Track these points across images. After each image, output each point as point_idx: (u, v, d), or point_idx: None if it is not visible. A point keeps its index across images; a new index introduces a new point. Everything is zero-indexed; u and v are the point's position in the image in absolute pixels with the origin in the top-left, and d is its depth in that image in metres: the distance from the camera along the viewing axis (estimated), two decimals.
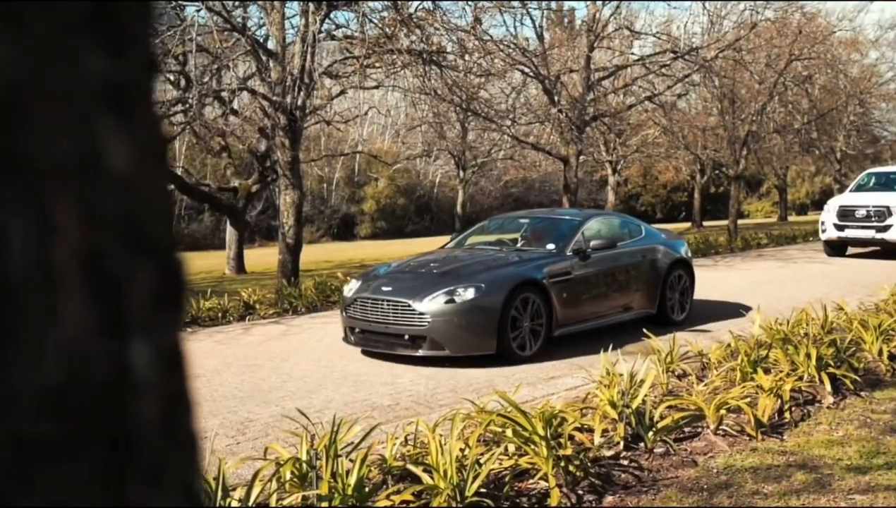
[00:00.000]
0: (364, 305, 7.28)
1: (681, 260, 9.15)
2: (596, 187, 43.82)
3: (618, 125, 24.66)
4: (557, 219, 8.94)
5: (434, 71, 14.52)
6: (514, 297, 7.00)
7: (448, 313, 6.81)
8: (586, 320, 7.89)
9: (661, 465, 4.31)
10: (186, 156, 35.08)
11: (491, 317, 6.84)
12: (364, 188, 44.18)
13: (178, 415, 0.52)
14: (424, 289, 7.02)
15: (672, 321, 8.70)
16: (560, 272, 7.58)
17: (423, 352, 6.84)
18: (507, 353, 6.95)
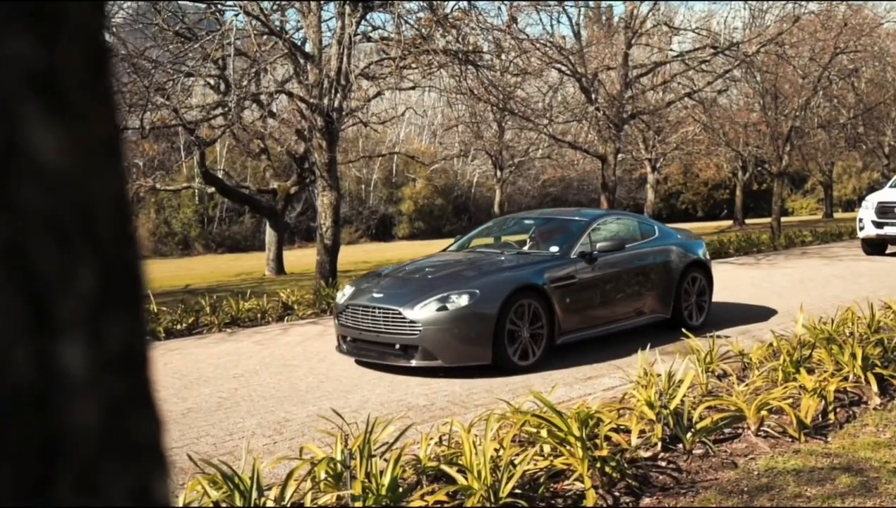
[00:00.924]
0: (355, 313, 6.96)
1: (697, 262, 8.71)
2: (635, 185, 43.37)
3: (657, 122, 24.38)
4: (563, 221, 8.49)
5: (470, 71, 14.50)
6: (512, 304, 6.63)
7: (440, 321, 6.46)
8: (593, 326, 7.49)
9: (699, 467, 4.23)
10: (227, 159, 35.61)
11: (486, 325, 6.48)
12: (402, 189, 44.33)
13: (125, 419, 0.49)
14: (416, 296, 6.68)
15: (688, 326, 8.07)
16: (563, 276, 7.20)
17: (415, 363, 6.50)
18: (504, 363, 6.57)
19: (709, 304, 8.77)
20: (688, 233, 9.65)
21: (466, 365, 6.48)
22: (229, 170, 32.27)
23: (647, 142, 28.93)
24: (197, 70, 12.33)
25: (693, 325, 8.23)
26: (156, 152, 29.02)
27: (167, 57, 12.72)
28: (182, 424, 5.41)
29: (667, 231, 8.88)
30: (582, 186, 42.92)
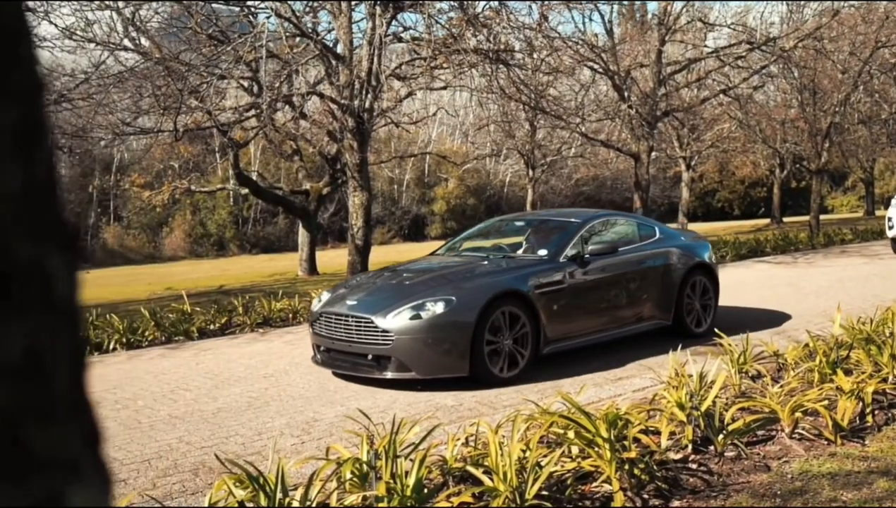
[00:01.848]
0: (328, 321, 6.61)
1: (701, 265, 8.18)
2: (670, 184, 42.92)
3: (691, 120, 24.09)
4: (555, 222, 7.98)
5: (501, 70, 14.45)
6: (492, 311, 6.22)
7: (414, 330, 6.07)
8: (584, 335, 7.05)
9: (731, 469, 4.15)
10: (261, 161, 35.96)
11: (463, 335, 6.07)
12: (434, 189, 44.38)
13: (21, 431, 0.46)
14: (389, 304, 6.30)
15: (691, 333, 7.82)
16: (550, 282, 6.75)
17: (390, 375, 6.13)
18: (483, 375, 6.17)
19: (714, 310, 8.27)
20: (694, 234, 9.16)
21: (442, 376, 6.11)
22: (263, 171, 32.58)
23: (682, 139, 28.58)
24: (229, 72, 12.45)
25: (696, 333, 7.86)
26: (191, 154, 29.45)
27: (200, 60, 12.86)
28: (212, 423, 5.46)
29: (669, 232, 8.46)
30: (615, 185, 42.58)
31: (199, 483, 4.25)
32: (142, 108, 13.60)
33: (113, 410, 5.96)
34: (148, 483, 4.33)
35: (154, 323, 9.32)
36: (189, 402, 6.08)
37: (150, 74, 13.10)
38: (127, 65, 13.91)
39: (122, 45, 13.55)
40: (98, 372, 7.53)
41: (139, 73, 13.48)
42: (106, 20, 13.90)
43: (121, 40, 13.65)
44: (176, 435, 5.20)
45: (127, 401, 6.23)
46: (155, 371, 7.45)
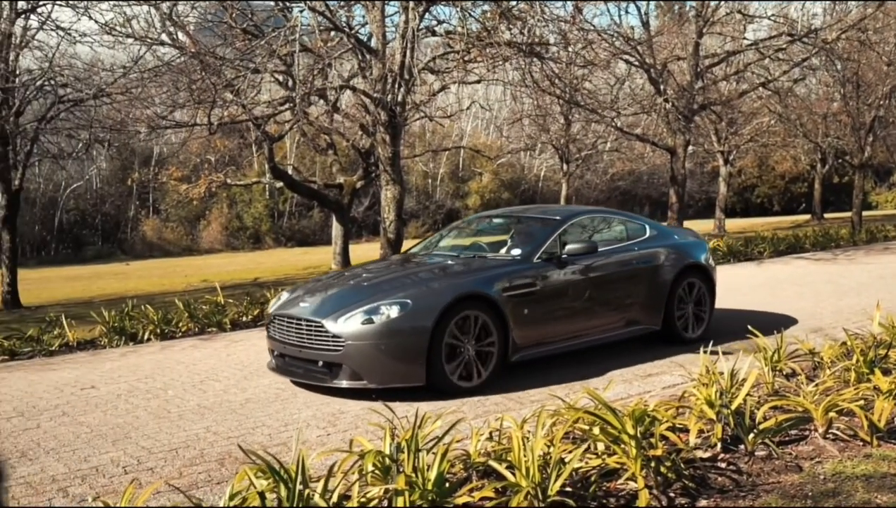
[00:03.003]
0: (281, 324, 6.24)
1: (695, 266, 7.61)
2: (707, 179, 42.31)
3: (729, 113, 23.68)
4: (534, 220, 7.48)
5: (535, 63, 14.34)
6: (452, 316, 5.76)
7: (366, 336, 5.65)
8: (561, 341, 6.58)
9: (761, 469, 4.06)
10: (297, 155, 36.22)
11: (419, 341, 5.63)
12: (468, 183, 44.32)
13: None
14: (342, 307, 5.88)
15: (682, 339, 7.35)
16: (521, 284, 6.27)
17: (344, 384, 5.72)
18: (441, 385, 5.71)
19: (709, 314, 7.72)
20: (692, 232, 8.55)
21: (397, 386, 5.70)
22: (298, 165, 32.83)
23: (720, 134, 28.12)
24: (263, 66, 12.52)
25: (689, 338, 7.38)
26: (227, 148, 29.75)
27: (234, 54, 12.96)
28: (240, 414, 5.50)
29: (662, 231, 7.88)
30: (652, 180, 42.10)
31: (225, 473, 4.27)
32: (177, 102, 13.75)
33: (144, 399, 6.03)
34: (174, 471, 4.37)
35: (188, 315, 9.42)
36: (218, 393, 6.13)
37: (185, 69, 13.24)
38: (164, 60, 14.07)
39: (159, 40, 13.71)
40: (131, 362, 7.64)
41: (175, 67, 13.63)
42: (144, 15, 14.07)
43: (158, 35, 13.80)
44: (204, 425, 5.25)
45: (157, 391, 6.30)
46: (186, 361, 7.53)
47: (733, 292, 10.69)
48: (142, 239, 41.45)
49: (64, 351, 8.49)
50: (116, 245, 41.50)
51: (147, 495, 3.60)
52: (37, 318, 11.31)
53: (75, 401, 6.06)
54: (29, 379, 7.06)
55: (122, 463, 4.53)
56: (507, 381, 6.16)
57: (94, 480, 4.28)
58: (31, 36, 15.30)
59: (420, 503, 3.27)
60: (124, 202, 42.60)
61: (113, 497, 3.85)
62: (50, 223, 40.65)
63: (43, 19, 15.15)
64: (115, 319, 9.17)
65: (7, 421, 5.58)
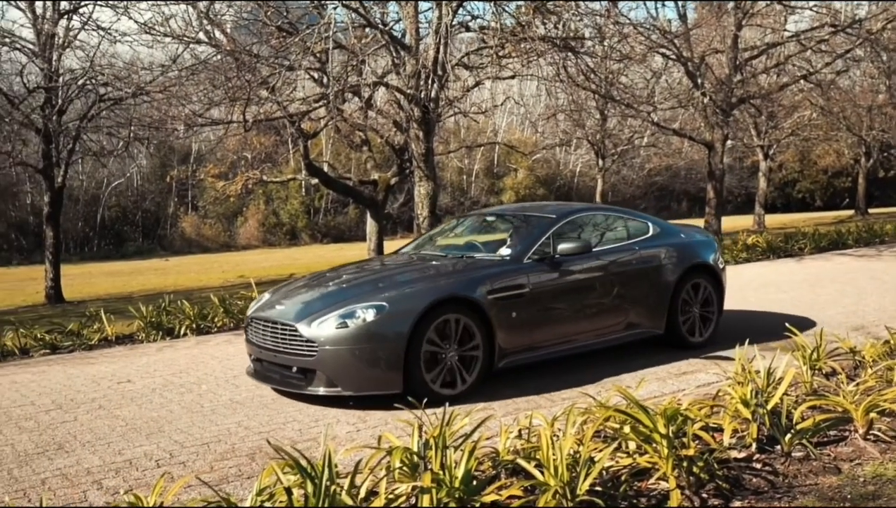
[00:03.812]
0: (257, 327, 5.99)
1: (701, 266, 7.22)
2: (747, 174, 41.65)
3: (769, 107, 23.24)
4: (527, 218, 7.08)
5: (569, 58, 14.22)
6: (432, 320, 5.48)
7: (340, 340, 5.38)
8: (553, 346, 6.25)
9: (798, 470, 3.96)
10: (332, 151, 36.42)
11: (395, 346, 5.36)
12: (503, 179, 44.18)
13: None
14: (317, 310, 5.64)
15: (686, 343, 7.00)
16: (509, 286, 5.95)
17: (322, 391, 5.46)
18: (420, 392, 5.29)
19: (717, 317, 7.31)
20: (700, 231, 8.07)
21: (373, 393, 5.44)
22: (334, 161, 33.00)
23: (759, 127, 27.63)
24: (298, 63, 12.60)
25: (693, 343, 7.03)
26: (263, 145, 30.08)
27: (269, 52, 13.06)
28: (271, 409, 5.53)
29: (667, 229, 7.45)
30: (689, 175, 41.57)
31: (255, 468, 4.30)
32: (213, 100, 13.90)
33: (178, 394, 6.10)
34: (206, 465, 4.41)
35: (223, 310, 9.52)
36: (250, 388, 6.18)
37: (222, 67, 13.37)
38: (200, 58, 14.23)
39: (196, 39, 13.87)
40: (167, 357, 7.74)
41: (212, 65, 13.78)
42: (182, 14, 14.24)
43: (196, 34, 13.96)
44: (235, 420, 5.29)
45: (191, 385, 6.37)
46: (220, 356, 7.61)
47: (772, 289, 10.49)
48: (181, 235, 42.11)
49: (103, 345, 8.64)
50: (156, 241, 42.22)
51: (177, 489, 3.64)
52: (78, 313, 11.53)
53: (111, 395, 6.16)
54: (68, 372, 7.20)
55: (155, 457, 4.59)
56: (539, 379, 6.12)
57: (127, 473, 4.34)
58: (74, 36, 15.60)
59: (447, 500, 3.25)
60: (164, 199, 43.31)
61: (145, 490, 3.89)
62: (92, 219, 41.49)
63: (84, 20, 15.44)
64: (152, 314, 9.31)
65: (46, 414, 5.68)
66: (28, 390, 6.52)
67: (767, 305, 9.28)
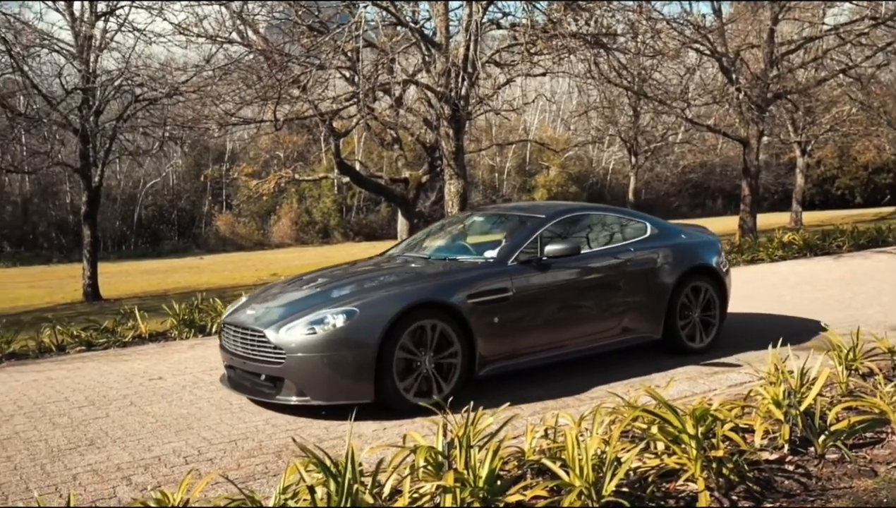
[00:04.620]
0: (228, 333, 5.79)
1: (702, 268, 6.89)
2: (784, 170, 40.98)
3: (806, 102, 22.81)
4: (516, 218, 6.79)
5: (601, 55, 14.09)
6: (405, 326, 5.23)
7: (308, 347, 5.16)
8: (538, 353, 5.96)
9: (832, 473, 3.87)
10: (364, 150, 36.59)
11: (365, 354, 5.11)
12: (535, 177, 43.99)
13: None
14: (287, 315, 5.42)
15: (686, 349, 6.70)
16: (491, 289, 5.67)
17: (294, 400, 5.24)
18: (393, 402, 5.19)
19: (719, 321, 7.00)
20: (704, 231, 7.65)
21: (343, 403, 5.18)
22: (366, 160, 33.14)
23: (796, 123, 27.13)
24: (329, 62, 12.66)
25: (693, 348, 6.74)
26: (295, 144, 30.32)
27: (300, 51, 13.14)
28: (299, 408, 5.55)
29: (667, 230, 7.13)
30: (725, 172, 41.00)
31: (282, 465, 4.31)
32: (245, 99, 14.03)
33: (207, 391, 6.16)
34: (233, 463, 4.44)
35: None
36: None
37: (254, 66, 13.49)
38: (233, 58, 14.38)
39: (228, 39, 14.01)
40: (198, 354, 7.82)
41: (244, 65, 13.91)
42: (215, 15, 14.40)
43: (229, 34, 14.11)
44: (263, 418, 5.32)
45: (221, 384, 6.41)
46: None
47: (807, 287, 10.30)
48: (215, 233, 42.63)
49: (137, 342, 8.77)
50: (192, 239, 42.80)
51: (203, 486, 3.66)
52: (114, 310, 11.72)
53: (143, 391, 6.24)
54: (101, 369, 7.31)
55: (184, 454, 4.63)
56: (567, 378, 6.06)
57: (155, 469, 4.39)
58: (110, 38, 15.85)
59: (470, 500, 3.23)
60: (199, 198, 43.88)
61: (172, 486, 3.92)
62: (130, 218, 42.19)
63: (121, 21, 15.68)
64: (185, 312, 9.42)
65: (79, 410, 5.77)
66: (63, 386, 6.63)
67: (802, 303, 9.10)
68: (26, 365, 7.89)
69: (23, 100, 16.34)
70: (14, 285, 22.21)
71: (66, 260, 35.02)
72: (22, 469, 4.49)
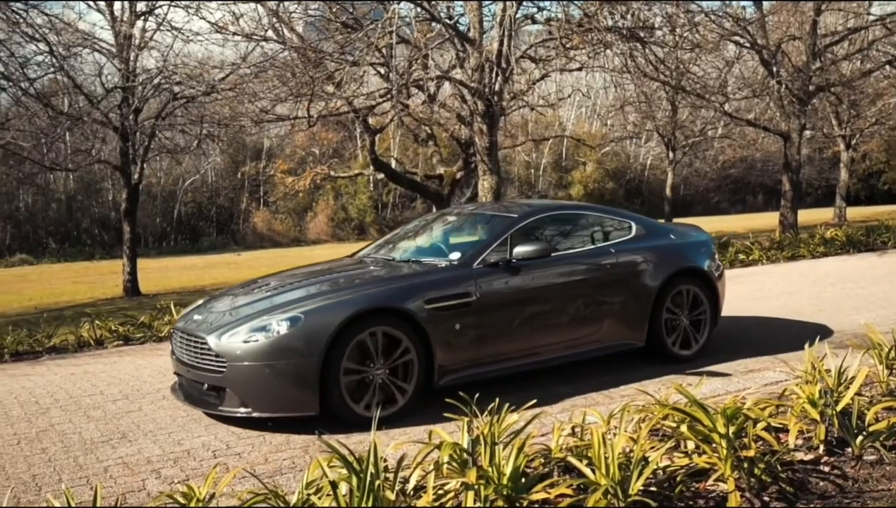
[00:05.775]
0: (177, 339, 5.54)
1: (690, 271, 6.49)
2: (828, 165, 40.14)
3: (851, 95, 22.28)
4: (486, 218, 6.47)
5: (637, 49, 13.91)
6: (353, 334, 4.94)
7: (249, 356, 4.86)
8: (506, 360, 5.62)
9: (870, 475, 3.75)
10: (400, 147, 36.68)
11: (310, 363, 4.81)
12: (571, 173, 43.68)
13: None
14: (230, 321, 5.15)
15: (673, 356, 6.33)
16: (452, 294, 5.35)
17: (242, 411, 4.93)
18: (342, 414, 4.92)
19: (709, 327, 6.57)
20: (696, 230, 7.19)
21: (287, 415, 4.93)
22: (402, 156, 33.22)
23: (841, 117, 26.52)
24: (362, 59, 12.69)
25: (681, 356, 6.35)
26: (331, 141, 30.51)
27: (333, 47, 13.19)
28: None
29: (654, 230, 6.71)
30: (766, 167, 40.27)
31: (308, 461, 4.32)
32: (280, 97, 14.14)
33: None
34: (260, 457, 4.46)
35: None
36: None
37: (289, 63, 13.58)
38: (269, 55, 14.50)
39: (264, 37, 14.12)
40: None
41: (280, 62, 14.01)
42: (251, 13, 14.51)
43: (265, 31, 14.23)
44: None
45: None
46: None
47: (849, 284, 10.05)
48: (253, 230, 43.13)
49: None
50: (230, 236, 43.35)
51: (229, 479, 3.68)
52: (152, 305, 11.90)
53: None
54: (137, 363, 7.41)
55: (213, 447, 4.67)
56: (597, 376, 5.99)
57: (184, 463, 4.43)
58: (150, 37, 16.11)
59: (494, 497, 3.19)
60: (237, 195, 44.43)
61: (200, 480, 3.96)
62: (170, 215, 42.88)
63: (160, 20, 15.92)
64: None
65: (113, 403, 5.86)
66: (98, 380, 6.74)
67: (842, 300, 8.88)
68: (65, 358, 8.05)
69: (64, 99, 16.68)
70: (58, 281, 22.71)
71: (108, 256, 35.72)
72: (56, 461, 4.57)
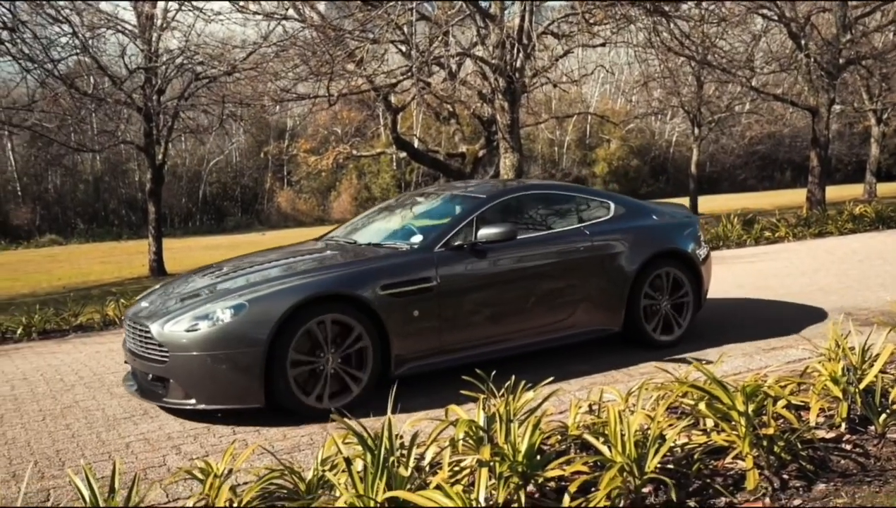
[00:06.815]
0: (127, 328, 5.34)
1: (671, 253, 6.21)
2: (858, 140, 39.38)
3: (882, 68, 21.79)
4: (452, 199, 6.20)
5: (661, 23, 13.70)
6: (301, 321, 4.71)
7: (191, 345, 4.66)
8: (471, 348, 5.40)
9: (893, 453, 3.70)
10: (423, 125, 36.55)
11: (254, 353, 4.60)
12: (595, 150, 43.32)
13: None
14: (176, 309, 4.94)
15: (653, 342, 6.07)
16: (410, 280, 5.11)
17: (191, 404, 4.75)
18: (291, 406, 4.73)
19: (691, 311, 6.28)
20: (680, 211, 6.92)
21: (231, 407, 4.75)
22: (424, 135, 33.13)
23: (872, 90, 25.98)
24: (382, 36, 12.63)
25: (661, 342, 6.09)
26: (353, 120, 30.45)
27: (353, 25, 13.14)
28: None
29: (635, 209, 6.40)
30: (794, 143, 39.62)
31: (325, 437, 4.35)
32: (300, 76, 14.13)
33: None
34: (279, 434, 4.50)
35: None
36: None
37: (310, 42, 13.56)
38: (290, 34, 14.48)
39: (285, 16, 14.09)
40: None
41: (300, 41, 13.99)
42: None
43: (286, 10, 14.19)
44: None
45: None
46: None
47: (877, 261, 9.88)
48: (277, 209, 43.37)
49: None
50: (254, 215, 43.66)
51: (248, 455, 3.71)
52: None
53: None
54: None
55: (232, 424, 4.71)
56: (615, 354, 5.95)
57: (204, 439, 4.47)
58: (172, 18, 16.13)
59: (509, 474, 3.18)
60: (261, 174, 44.66)
61: (218, 456, 4.00)
62: (195, 195, 43.24)
63: (181, 0, 15.93)
64: None
65: None
66: (122, 357, 6.82)
67: (870, 278, 8.74)
68: (90, 336, 8.17)
69: (89, 81, 16.79)
70: (86, 261, 23.04)
71: (135, 236, 36.14)
72: (79, 437, 4.64)
